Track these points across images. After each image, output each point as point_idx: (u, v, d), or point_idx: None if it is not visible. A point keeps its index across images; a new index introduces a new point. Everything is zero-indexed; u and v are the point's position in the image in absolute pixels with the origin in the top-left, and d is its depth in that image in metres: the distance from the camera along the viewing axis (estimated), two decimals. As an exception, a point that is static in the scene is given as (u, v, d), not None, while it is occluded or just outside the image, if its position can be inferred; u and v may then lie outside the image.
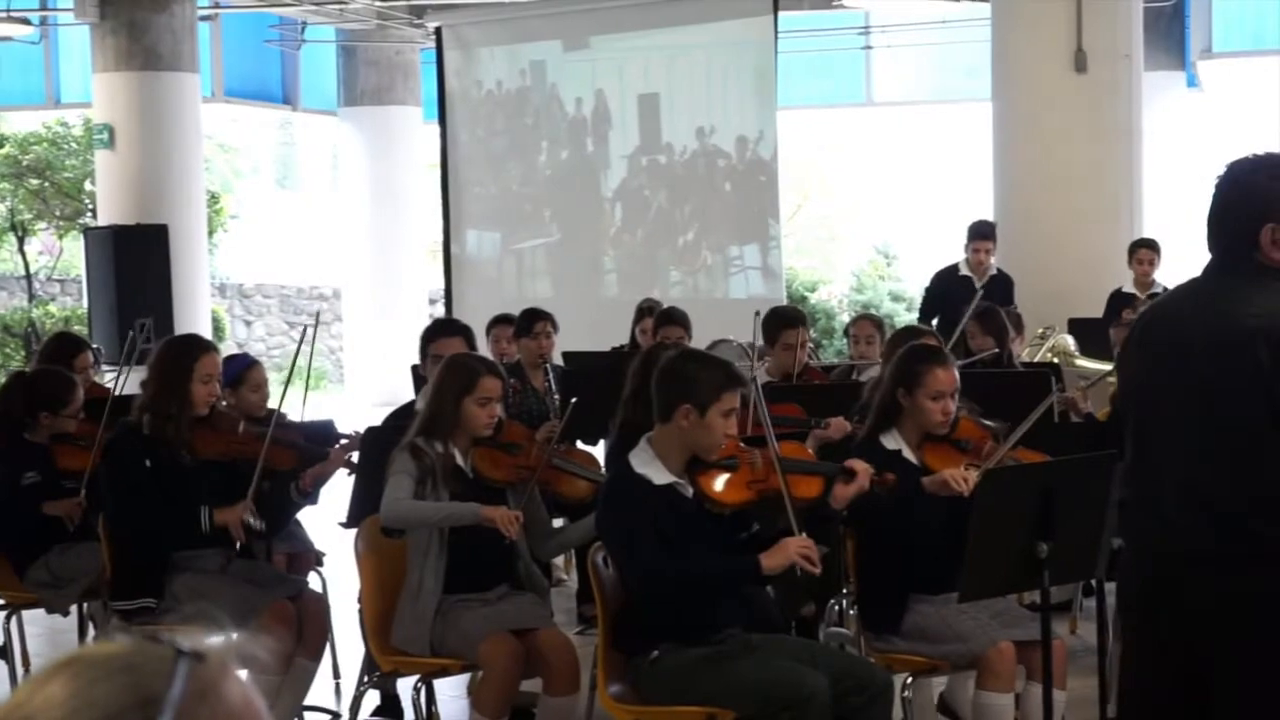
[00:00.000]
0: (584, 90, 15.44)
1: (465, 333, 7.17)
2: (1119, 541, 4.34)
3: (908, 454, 5.80)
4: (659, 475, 5.19)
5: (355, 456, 6.49)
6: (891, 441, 5.81)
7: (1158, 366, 4.05)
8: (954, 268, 11.57)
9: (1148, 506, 4.04)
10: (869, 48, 19.28)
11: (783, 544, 5.07)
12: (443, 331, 7.04)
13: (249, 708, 1.61)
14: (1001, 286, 11.17)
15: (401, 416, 6.63)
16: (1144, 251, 10.92)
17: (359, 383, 19.33)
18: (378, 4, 17.96)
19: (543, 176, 15.88)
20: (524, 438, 6.04)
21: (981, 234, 11.31)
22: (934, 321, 11.35)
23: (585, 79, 15.51)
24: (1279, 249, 3.88)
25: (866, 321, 9.59)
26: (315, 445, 6.53)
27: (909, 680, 5.59)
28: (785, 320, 8.26)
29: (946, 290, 11.41)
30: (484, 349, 10.07)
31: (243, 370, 7.04)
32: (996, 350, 8.87)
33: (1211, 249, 4.03)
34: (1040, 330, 10.08)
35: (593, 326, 11.44)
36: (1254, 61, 17.87)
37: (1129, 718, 4.28)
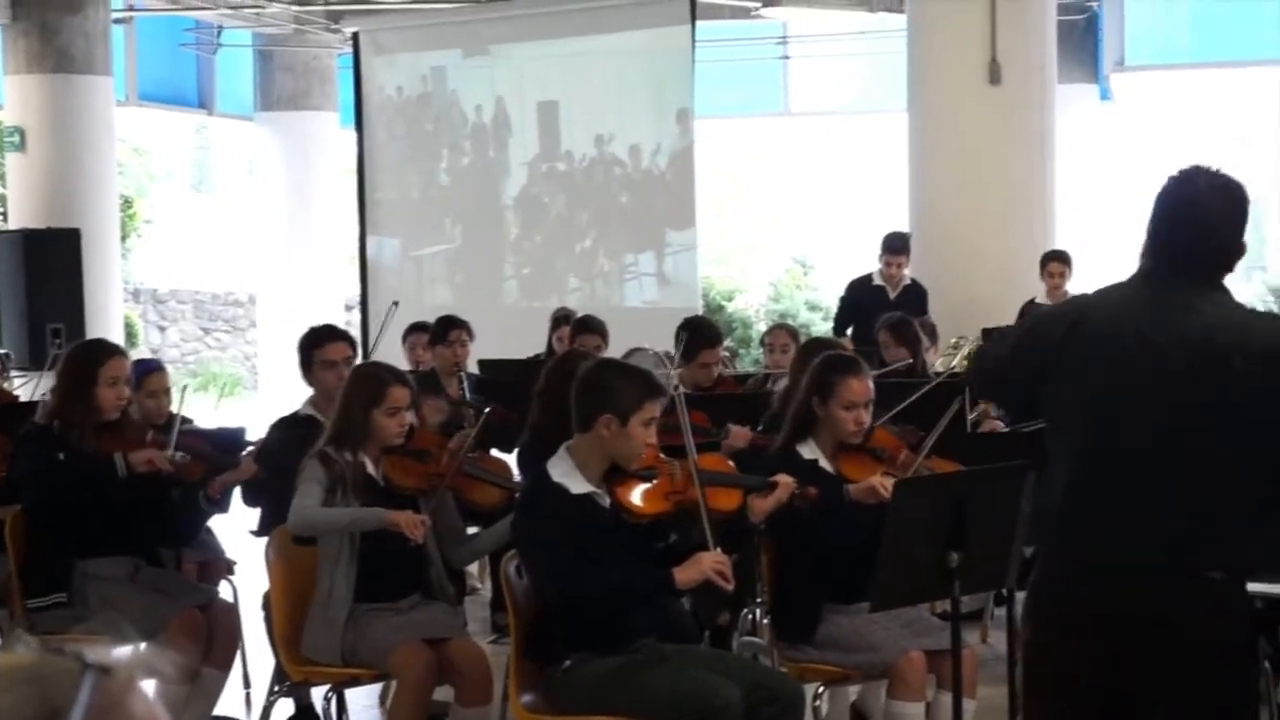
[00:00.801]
0: (484, 97, 15.42)
1: (346, 335, 7.14)
2: (1030, 550, 4.36)
3: (824, 463, 5.82)
4: (577, 484, 5.18)
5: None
6: (808, 451, 5.83)
7: (1117, 378, 3.96)
8: (868, 278, 11.65)
9: (1098, 517, 3.97)
10: (786, 58, 19.34)
11: (697, 559, 5.07)
12: (325, 336, 6.97)
13: None
14: (915, 297, 11.25)
15: (290, 425, 6.61)
16: (1055, 264, 11.00)
17: (274, 389, 19.19)
18: (294, 9, 17.85)
19: (444, 183, 15.83)
20: (435, 445, 6.01)
21: (894, 248, 11.40)
22: (849, 331, 11.43)
23: (485, 85, 15.48)
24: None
25: (782, 331, 9.64)
26: (224, 453, 6.47)
27: (821, 690, 5.60)
28: (705, 339, 8.27)
29: (861, 300, 11.50)
30: (400, 356, 10.06)
31: (141, 375, 6.93)
32: (910, 360, 8.93)
33: (1155, 257, 4.00)
34: (954, 340, 10.14)
35: (493, 333, 11.40)
36: (1165, 74, 18.06)
37: None
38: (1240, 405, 3.83)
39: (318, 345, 6.92)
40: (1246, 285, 18.18)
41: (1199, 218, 3.92)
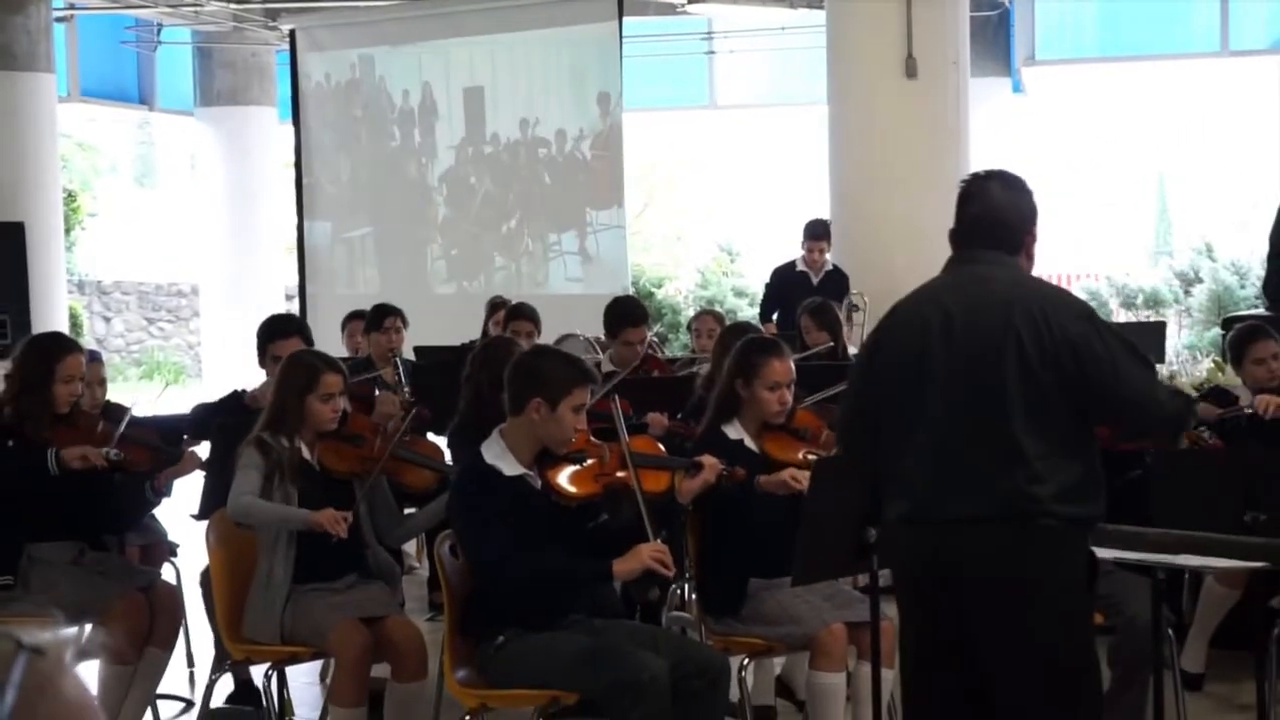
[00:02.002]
0: (411, 83, 15.36)
1: (302, 330, 7.09)
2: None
3: (749, 443, 5.84)
4: (509, 467, 5.19)
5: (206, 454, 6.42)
6: (734, 431, 5.85)
7: (921, 349, 4.27)
8: (791, 264, 11.71)
9: (915, 480, 4.23)
10: (712, 52, 19.34)
11: (636, 550, 5.08)
12: (279, 333, 6.93)
13: (84, 707, 1.58)
14: (837, 282, 11.33)
15: (224, 411, 6.57)
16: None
17: (216, 377, 19.09)
18: (233, 6, 17.72)
19: (372, 166, 15.74)
20: (368, 430, 6.00)
21: (815, 234, 11.49)
22: (774, 316, 11.47)
23: (413, 72, 15.41)
24: (1031, 251, 4.34)
25: (708, 316, 9.69)
26: (170, 446, 6.43)
27: (746, 662, 5.61)
28: (630, 319, 8.28)
29: (785, 286, 11.55)
30: (339, 343, 10.02)
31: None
32: (831, 344, 8.96)
33: (955, 244, 4.39)
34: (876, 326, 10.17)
35: (423, 313, 11.31)
36: (1074, 68, 18.16)
37: (910, 690, 4.46)
38: (1026, 361, 4.08)
39: (270, 340, 6.90)
40: (1153, 270, 18.32)
41: (986, 204, 4.33)
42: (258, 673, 6.09)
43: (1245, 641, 5.18)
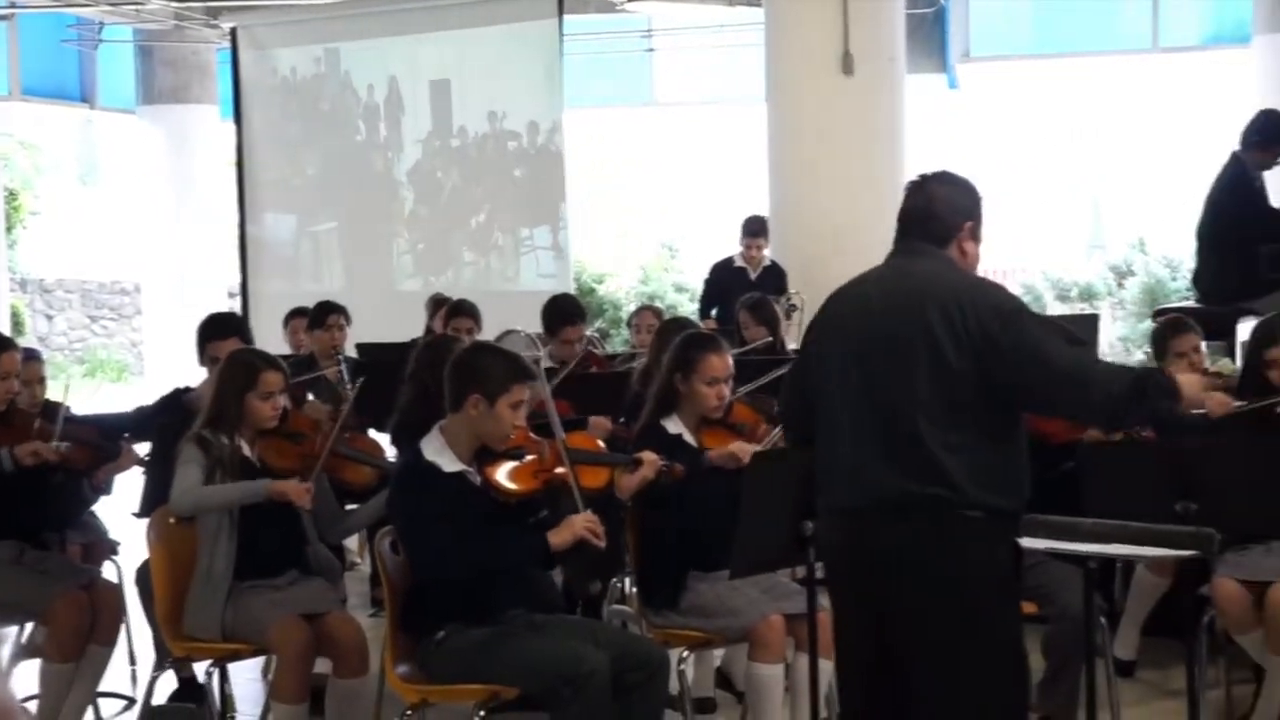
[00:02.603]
0: (377, 77, 15.28)
1: (240, 330, 7.03)
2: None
3: (688, 437, 5.84)
4: (448, 463, 5.18)
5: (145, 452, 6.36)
6: (673, 426, 5.86)
7: (844, 339, 4.33)
8: (729, 260, 11.78)
9: (840, 469, 4.27)
10: (652, 50, 19.33)
11: (569, 521, 5.10)
12: (218, 332, 6.87)
13: (6, 708, 1.56)
14: (774, 277, 11.38)
15: (165, 411, 6.52)
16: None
17: (159, 375, 18.94)
18: (174, 4, 17.58)
19: (337, 161, 15.64)
20: (308, 427, 5.98)
21: (753, 231, 11.57)
22: (713, 312, 11.49)
23: (379, 66, 15.33)
24: (968, 243, 4.35)
25: (648, 312, 9.71)
26: (109, 442, 6.37)
27: (686, 654, 5.61)
28: (567, 316, 8.28)
29: (723, 282, 11.60)
30: (280, 340, 9.96)
31: None
32: (769, 339, 8.97)
33: (901, 237, 4.42)
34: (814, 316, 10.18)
35: (387, 308, 11.24)
36: (1008, 65, 18.23)
37: (841, 679, 4.49)
38: (941, 353, 4.10)
39: (209, 340, 6.84)
40: (1087, 264, 18.41)
41: (920, 198, 4.38)
42: (201, 670, 6.05)
43: (1176, 629, 5.21)
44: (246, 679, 6.81)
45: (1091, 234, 18.56)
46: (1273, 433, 5.79)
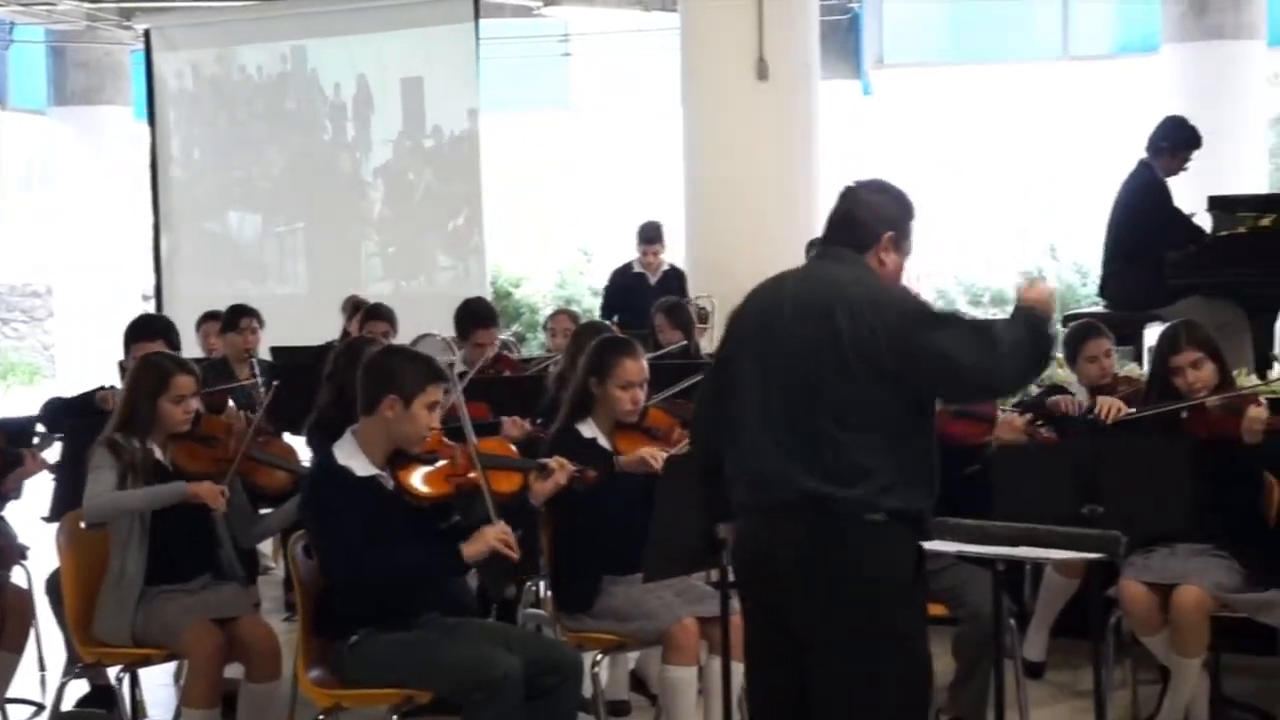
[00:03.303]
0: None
1: (166, 333, 6.98)
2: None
3: (602, 441, 5.84)
4: (361, 467, 5.16)
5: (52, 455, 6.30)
6: (587, 430, 5.85)
7: (753, 341, 4.32)
8: (629, 266, 11.89)
9: (747, 468, 4.27)
10: (569, 55, 19.33)
11: (481, 532, 5.08)
12: (143, 334, 6.83)
13: None
14: (675, 281, 11.47)
15: (78, 409, 6.46)
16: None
17: (71, 378, 18.74)
18: (86, 6, 17.41)
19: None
20: (222, 431, 5.94)
21: (648, 238, 11.73)
22: (615, 318, 11.51)
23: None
24: (888, 253, 4.33)
25: (563, 315, 9.71)
26: (15, 448, 6.30)
27: (600, 657, 5.61)
28: (479, 320, 8.28)
29: (624, 288, 11.67)
30: (194, 344, 9.87)
31: None
32: (685, 343, 8.98)
33: (822, 241, 4.44)
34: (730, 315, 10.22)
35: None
36: (922, 71, 18.37)
37: (750, 681, 4.53)
38: (843, 356, 4.11)
39: (134, 341, 6.79)
40: (999, 270, 18.54)
41: (845, 204, 4.40)
42: (112, 675, 5.99)
43: (1084, 630, 5.26)
44: (158, 684, 6.76)
45: (1004, 240, 18.71)
46: (1177, 437, 5.85)
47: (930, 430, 4.26)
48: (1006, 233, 18.68)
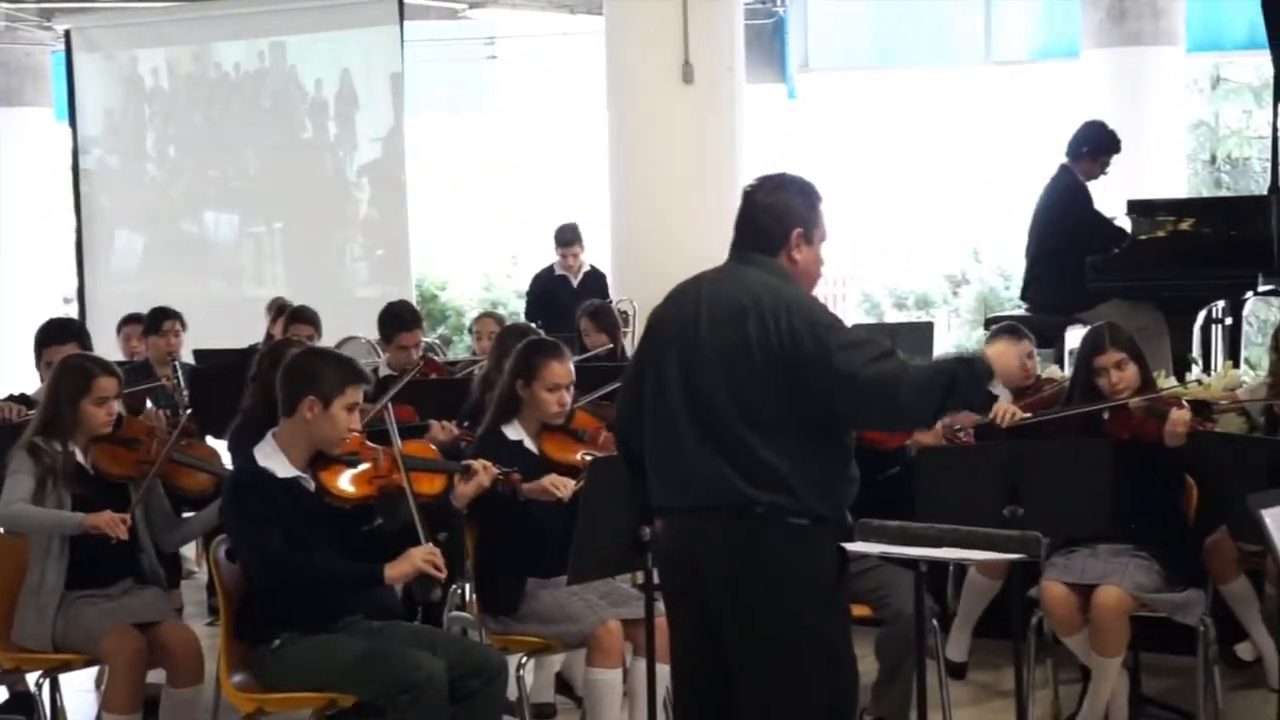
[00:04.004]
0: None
1: (79, 336, 6.92)
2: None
3: (528, 444, 5.84)
4: (282, 469, 5.14)
5: None
6: (513, 432, 5.85)
7: (671, 344, 4.30)
8: (550, 269, 11.91)
9: (669, 472, 4.27)
10: (494, 58, 19.29)
11: (409, 554, 5.08)
12: (55, 338, 6.76)
13: None
14: (596, 282, 11.50)
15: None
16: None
17: (-4, 381, 18.55)
18: (6, 6, 17.21)
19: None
20: (144, 433, 5.89)
21: (565, 240, 11.79)
22: (538, 322, 11.51)
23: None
24: (799, 250, 4.31)
25: (489, 319, 9.70)
26: None
27: (524, 660, 5.60)
28: (402, 323, 8.26)
29: (546, 291, 11.69)
30: (115, 347, 9.78)
31: None
32: (610, 345, 8.99)
33: (734, 245, 4.41)
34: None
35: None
36: (846, 75, 18.45)
37: (675, 683, 4.49)
38: (753, 361, 4.12)
39: (45, 345, 6.72)
40: (924, 273, 18.63)
41: (750, 205, 4.36)
42: (32, 681, 5.92)
43: (1006, 630, 5.29)
44: (78, 690, 6.68)
45: (928, 244, 18.83)
46: (1097, 439, 5.90)
47: (848, 434, 4.27)
48: (930, 236, 18.79)
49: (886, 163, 18.74)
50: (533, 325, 8.99)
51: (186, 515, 6.21)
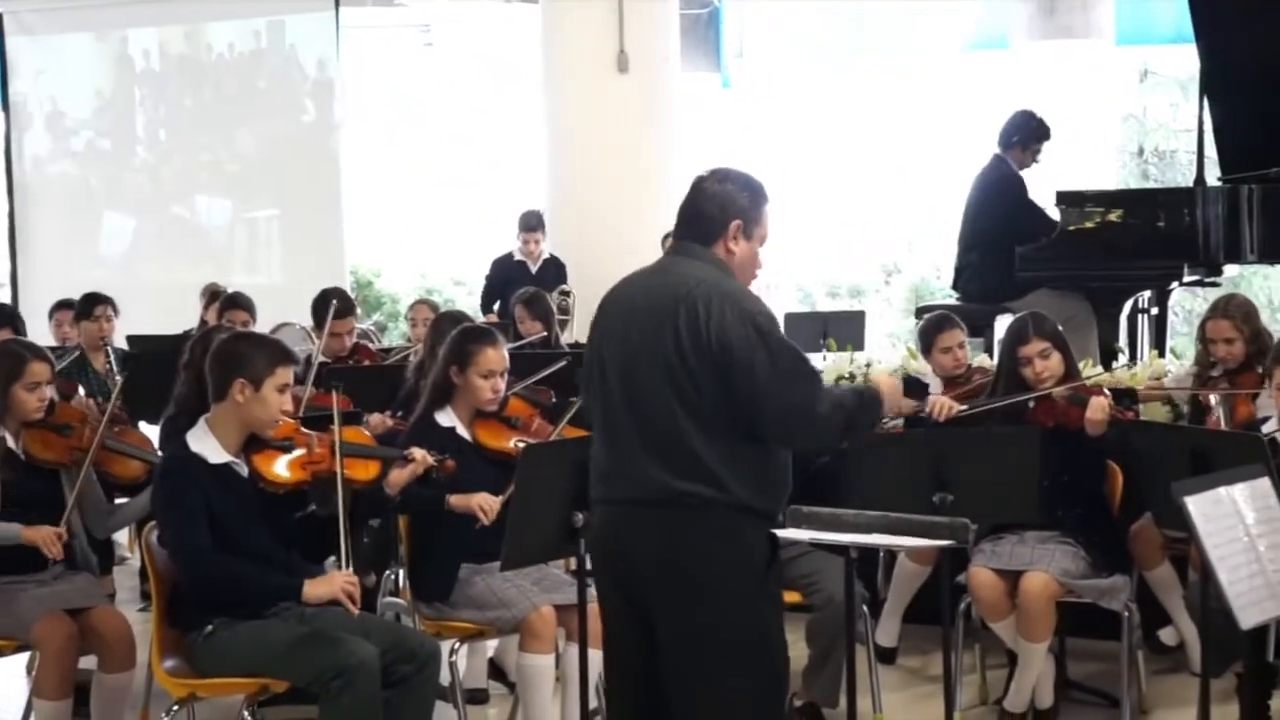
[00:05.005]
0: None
1: (11, 320, 6.87)
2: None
3: (461, 430, 5.83)
4: (214, 454, 5.11)
5: None
6: (446, 419, 5.84)
7: (616, 333, 4.31)
8: (509, 255, 11.82)
9: (606, 463, 4.29)
10: (430, 45, 19.22)
11: (330, 577, 5.07)
12: None
13: None
14: (554, 269, 11.45)
15: None
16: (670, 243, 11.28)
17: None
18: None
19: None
20: (77, 419, 5.84)
21: (530, 226, 11.66)
22: (495, 306, 11.49)
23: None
24: (736, 242, 4.31)
25: (424, 305, 9.68)
26: None
27: (457, 645, 5.59)
28: (336, 310, 8.22)
29: (504, 277, 11.62)
30: (47, 332, 9.71)
31: None
32: (545, 334, 8.98)
33: (674, 236, 4.41)
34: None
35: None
36: (781, 65, 18.47)
37: (608, 669, 4.51)
38: (682, 352, 4.11)
39: None
40: (857, 262, 18.71)
41: (691, 197, 4.37)
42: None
43: (935, 616, 5.33)
44: (9, 676, 6.63)
45: (862, 233, 18.89)
46: (1024, 427, 5.95)
47: None
48: (864, 225, 18.86)
49: (820, 152, 18.78)
50: (468, 314, 8.96)
51: (119, 501, 6.16)
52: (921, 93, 18.45)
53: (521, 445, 5.50)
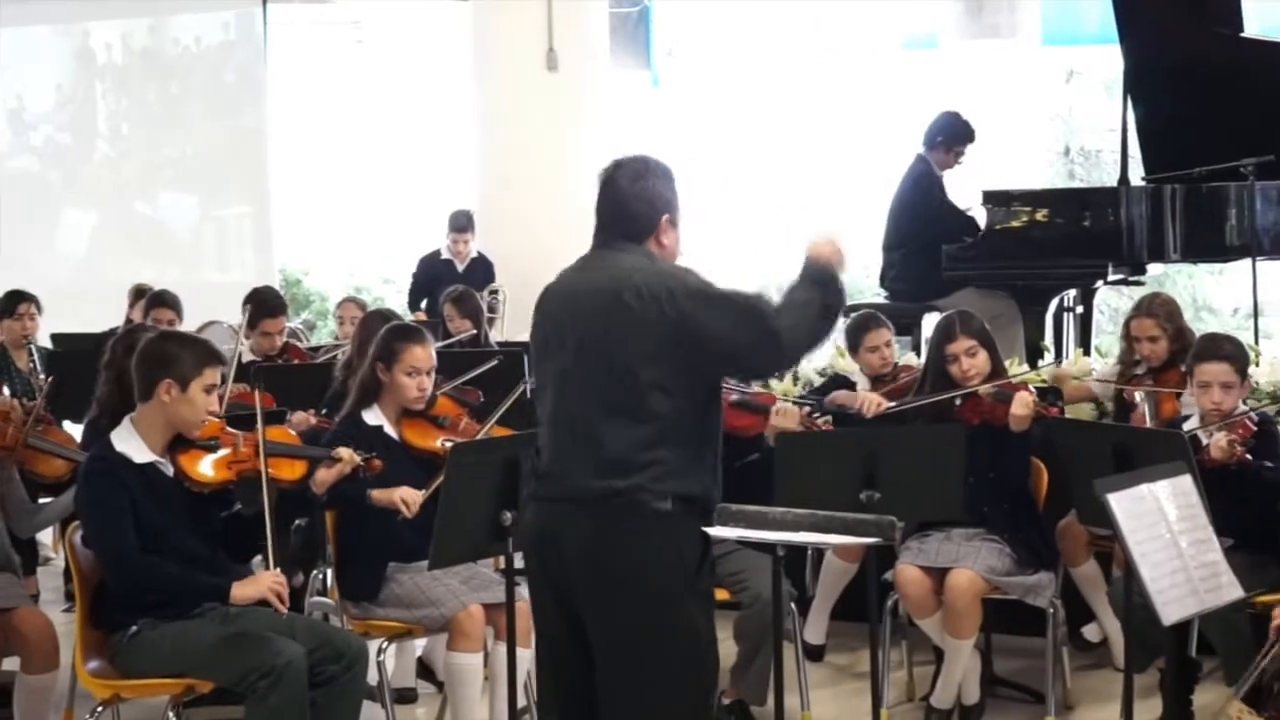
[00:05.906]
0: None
1: None
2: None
3: (389, 429, 5.81)
4: (140, 453, 5.07)
5: None
6: (373, 417, 5.82)
7: (551, 329, 4.29)
8: (437, 254, 11.81)
9: (541, 462, 4.27)
10: (361, 42, 19.13)
11: (258, 578, 5.03)
12: None
13: None
14: (482, 269, 11.44)
15: None
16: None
17: None
18: None
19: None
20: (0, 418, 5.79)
21: (459, 226, 11.69)
22: (423, 304, 11.47)
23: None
24: (667, 235, 4.28)
25: (351, 304, 9.66)
26: None
27: (385, 645, 5.57)
28: (266, 309, 8.19)
29: (431, 275, 11.61)
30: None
31: None
32: (474, 332, 8.96)
33: (598, 233, 4.35)
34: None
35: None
36: (711, 63, 18.50)
37: (538, 667, 4.51)
38: (625, 347, 4.10)
39: None
40: (786, 261, 18.75)
41: (613, 194, 4.30)
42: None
43: (863, 613, 5.35)
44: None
45: (793, 232, 18.94)
46: (950, 424, 5.98)
47: (716, 417, 4.27)
48: (792, 226, 18.90)
49: (749, 150, 18.82)
50: (396, 312, 8.93)
51: (43, 501, 6.11)
52: (851, 93, 18.52)
53: (449, 445, 5.49)
